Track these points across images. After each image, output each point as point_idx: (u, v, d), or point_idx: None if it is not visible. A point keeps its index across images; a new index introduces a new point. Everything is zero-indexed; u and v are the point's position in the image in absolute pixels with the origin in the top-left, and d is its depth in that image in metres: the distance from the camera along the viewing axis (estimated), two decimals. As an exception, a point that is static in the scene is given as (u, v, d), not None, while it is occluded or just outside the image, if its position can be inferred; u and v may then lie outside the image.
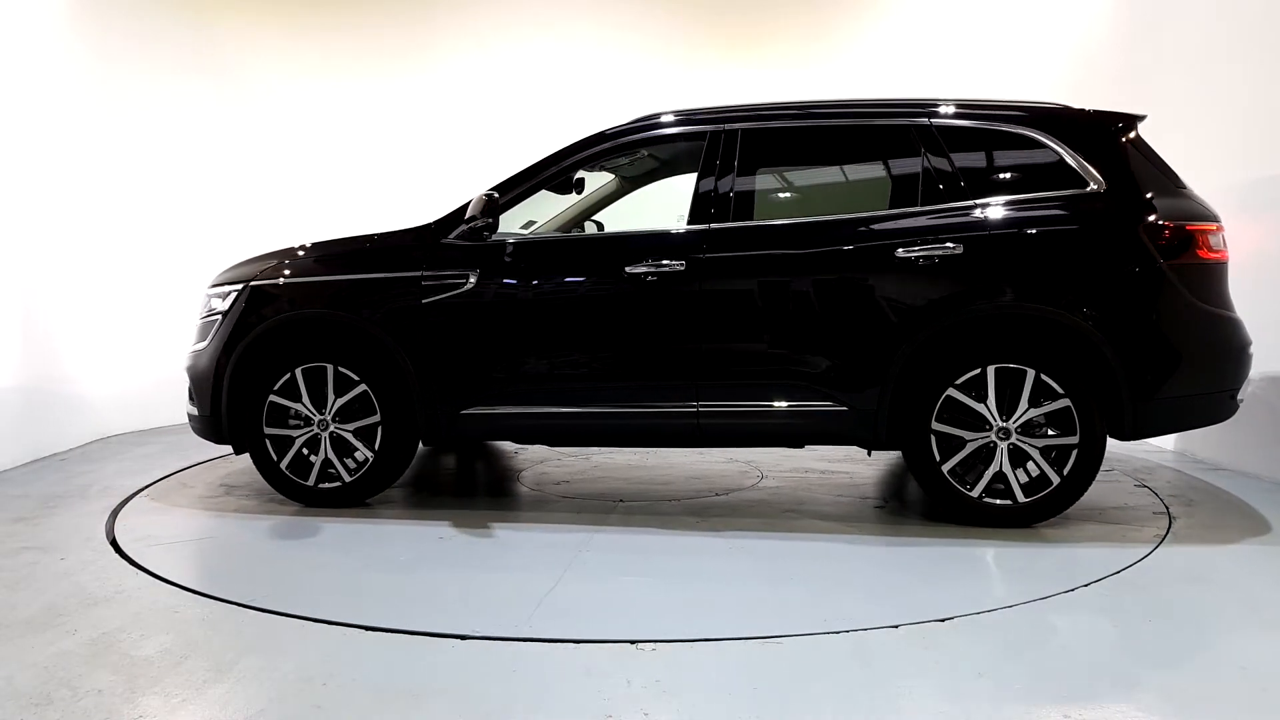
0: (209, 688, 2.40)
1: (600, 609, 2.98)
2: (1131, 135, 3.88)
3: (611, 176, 5.01)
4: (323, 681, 2.43)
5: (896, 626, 2.77)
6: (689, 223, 4.05)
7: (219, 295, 4.44)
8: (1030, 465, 3.77)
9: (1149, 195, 3.74)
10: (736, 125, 4.14)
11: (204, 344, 4.42)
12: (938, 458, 3.82)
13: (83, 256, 6.24)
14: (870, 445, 3.96)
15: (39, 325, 5.72)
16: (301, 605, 2.99)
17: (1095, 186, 3.76)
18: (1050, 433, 3.74)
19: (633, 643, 2.67)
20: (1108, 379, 3.69)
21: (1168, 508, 4.19)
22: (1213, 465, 5.11)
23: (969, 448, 3.80)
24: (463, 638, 2.72)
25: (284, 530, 4.03)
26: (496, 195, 4.12)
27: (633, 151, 4.46)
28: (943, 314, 3.74)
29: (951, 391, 3.78)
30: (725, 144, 4.11)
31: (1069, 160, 3.81)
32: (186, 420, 4.61)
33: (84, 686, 2.41)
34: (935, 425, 3.80)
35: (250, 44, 7.72)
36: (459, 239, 4.16)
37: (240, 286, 4.37)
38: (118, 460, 5.59)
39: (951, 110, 4.00)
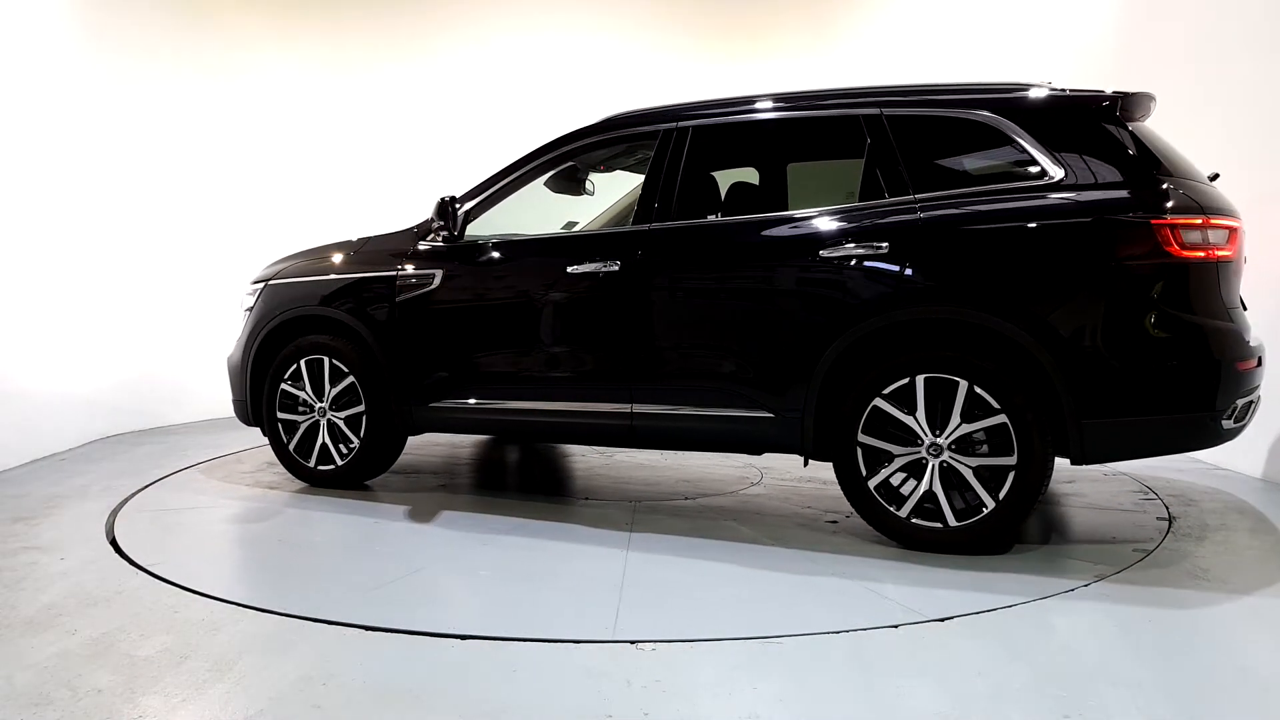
0: (209, 688, 2.40)
1: (417, 601, 3.10)
2: (1115, 117, 3.40)
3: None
4: (323, 681, 2.43)
5: (896, 626, 2.77)
6: (634, 223, 4.04)
7: (250, 292, 4.95)
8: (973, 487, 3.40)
9: (1115, 185, 3.30)
10: (687, 123, 4.06)
11: (239, 336, 4.94)
12: (864, 472, 3.54)
13: (83, 256, 6.23)
14: (800, 454, 3.73)
15: (38, 325, 5.71)
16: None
17: (1052, 177, 3.36)
18: (986, 451, 3.37)
19: (633, 643, 2.67)
20: (1049, 394, 3.29)
21: (1168, 508, 4.18)
22: (1213, 465, 5.10)
23: (897, 463, 3.48)
24: (463, 638, 2.72)
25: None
26: (449, 198, 4.29)
27: (594, 152, 4.47)
28: (866, 318, 3.48)
29: (879, 402, 3.48)
30: (675, 142, 4.04)
31: (1026, 148, 3.43)
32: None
33: (84, 686, 2.41)
34: (862, 437, 3.52)
35: (254, 42, 7.71)
36: (432, 240, 4.40)
37: (261, 285, 4.88)
38: (118, 460, 5.59)
39: (904, 98, 3.70)
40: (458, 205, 4.30)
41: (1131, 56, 5.84)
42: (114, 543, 3.78)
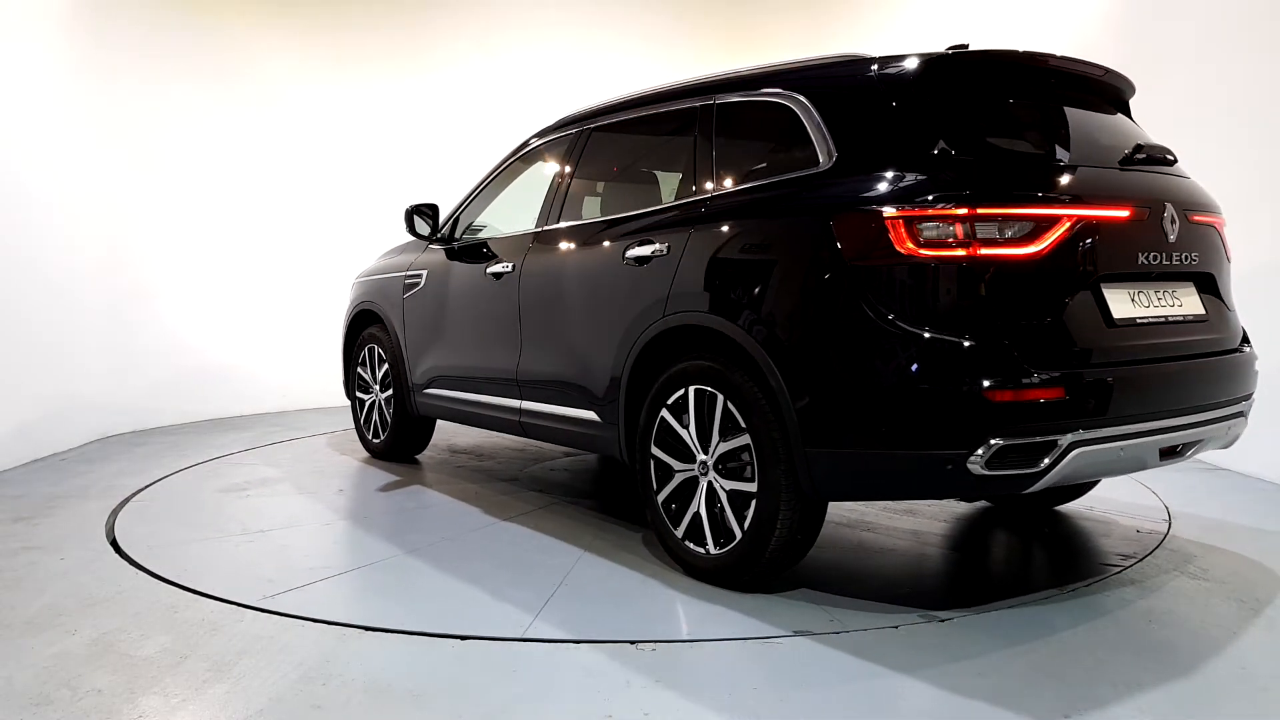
0: (209, 688, 2.40)
1: (193, 558, 3.54)
2: (908, 88, 2.86)
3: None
4: (323, 681, 2.43)
5: (896, 627, 2.77)
6: (535, 225, 4.17)
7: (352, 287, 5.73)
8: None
9: (879, 172, 2.77)
10: (589, 125, 4.13)
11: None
12: (654, 486, 3.32)
13: (80, 256, 6.22)
14: (622, 461, 3.59)
15: (37, 325, 5.71)
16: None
17: (819, 165, 2.94)
18: (749, 475, 2.99)
19: (633, 643, 2.67)
20: (777, 414, 2.88)
21: (1167, 508, 4.18)
22: (1213, 466, 5.10)
23: (677, 479, 3.24)
24: (463, 638, 2.72)
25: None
26: (411, 207, 4.71)
27: (541, 158, 4.52)
28: (652, 323, 3.32)
29: (664, 413, 3.27)
30: (575, 144, 4.17)
31: (809, 131, 3.01)
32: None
33: (84, 686, 2.41)
34: (654, 450, 3.32)
35: (258, 46, 7.68)
36: (430, 243, 4.86)
37: (353, 281, 5.68)
38: (118, 460, 5.59)
39: (734, 83, 3.41)
40: (420, 213, 4.70)
41: (1127, 58, 5.84)
42: (114, 543, 3.79)
